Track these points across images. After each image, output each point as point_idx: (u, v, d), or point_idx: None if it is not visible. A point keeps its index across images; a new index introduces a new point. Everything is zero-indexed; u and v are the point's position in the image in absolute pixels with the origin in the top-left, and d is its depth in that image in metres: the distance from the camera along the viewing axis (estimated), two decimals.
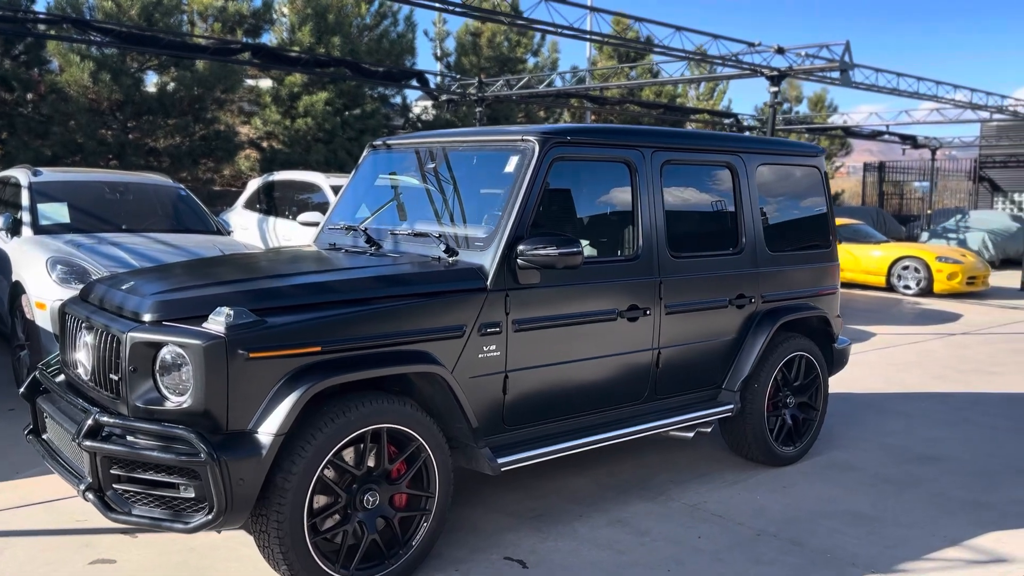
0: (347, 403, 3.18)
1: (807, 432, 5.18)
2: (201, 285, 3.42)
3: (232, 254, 4.79)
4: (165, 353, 3.05)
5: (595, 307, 4.03)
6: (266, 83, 16.77)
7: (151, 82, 14.74)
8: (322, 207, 8.62)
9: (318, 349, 3.16)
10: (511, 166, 3.91)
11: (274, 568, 3.18)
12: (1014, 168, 24.83)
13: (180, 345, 3.00)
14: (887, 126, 20.85)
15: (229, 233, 7.71)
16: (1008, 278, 17.18)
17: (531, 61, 19.63)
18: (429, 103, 18.83)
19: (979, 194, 25.82)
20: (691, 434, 4.58)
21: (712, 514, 4.26)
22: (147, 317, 3.16)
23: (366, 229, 4.37)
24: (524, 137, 3.93)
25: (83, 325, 3.45)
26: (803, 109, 26.51)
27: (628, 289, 4.16)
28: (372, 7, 17.45)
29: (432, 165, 4.44)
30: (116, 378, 3.17)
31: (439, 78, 16.68)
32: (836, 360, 5.40)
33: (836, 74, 9.36)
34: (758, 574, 3.60)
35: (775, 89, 9.67)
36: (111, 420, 3.07)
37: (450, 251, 3.81)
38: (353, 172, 4.97)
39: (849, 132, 21.92)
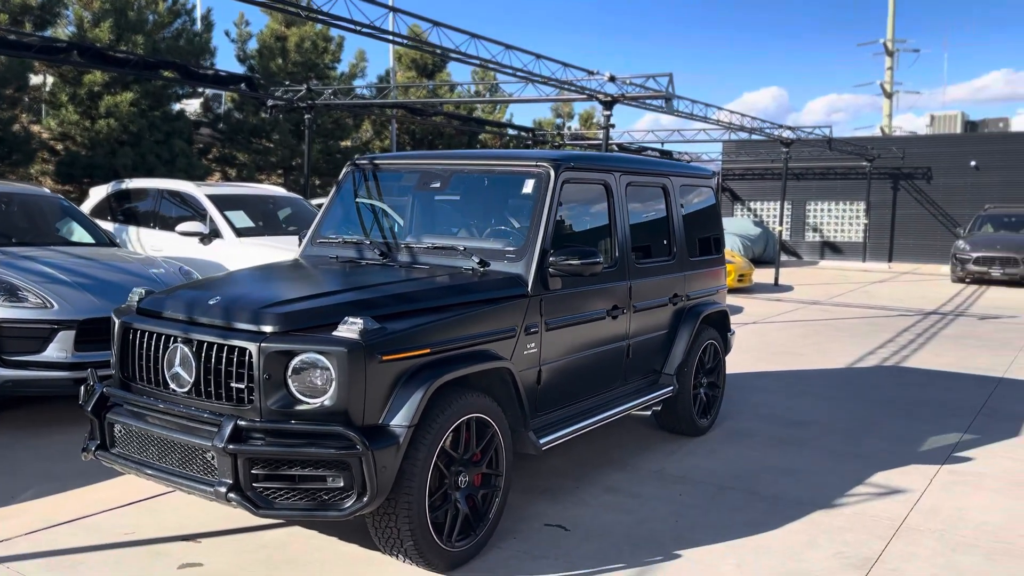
0: (450, 397, 3.65)
1: (713, 407, 6.24)
2: (305, 298, 3.72)
3: (265, 266, 4.88)
4: (300, 360, 3.36)
5: (592, 308, 4.76)
6: (37, 78, 15.56)
7: None
8: (200, 217, 8.53)
9: (427, 351, 3.62)
10: (528, 188, 4.53)
11: (394, 547, 3.58)
12: (751, 180, 28.64)
13: (321, 352, 3.34)
14: (638, 143, 23.46)
15: (117, 244, 7.49)
16: (760, 275, 19.99)
17: (339, 69, 19.75)
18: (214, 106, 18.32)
19: (723, 203, 29.49)
20: (649, 412, 5.45)
21: (676, 477, 5.14)
22: (272, 328, 3.44)
23: (382, 243, 4.76)
24: (538, 163, 4.56)
25: (176, 341, 3.60)
26: (575, 123, 28.75)
27: (611, 292, 4.93)
28: (167, 3, 16.75)
29: (436, 185, 4.91)
30: (242, 386, 3.41)
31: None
32: (729, 347, 6.53)
33: (662, 102, 10.79)
34: (743, 517, 4.51)
35: (608, 113, 10.90)
36: (256, 424, 3.32)
37: (483, 263, 4.35)
38: (335, 188, 5.28)
39: (621, 148, 24.26)
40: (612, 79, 10.48)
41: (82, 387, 4.18)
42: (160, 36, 16.25)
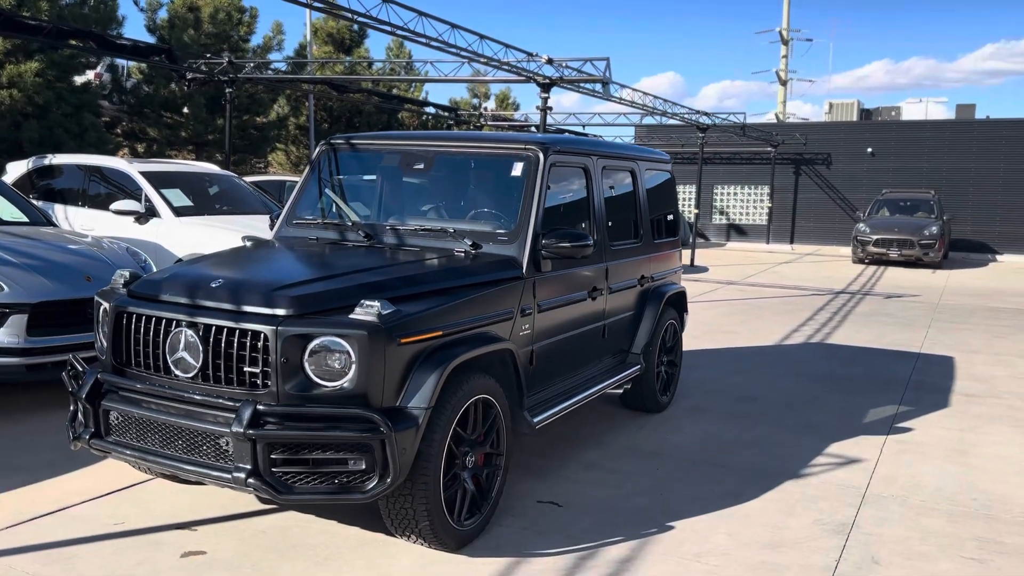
0: (460, 379, 3.68)
1: (672, 384, 6.45)
2: (314, 280, 3.67)
3: (248, 247, 4.73)
4: (318, 344, 3.33)
5: (577, 289, 4.86)
6: None
7: None
8: (134, 195, 8.19)
9: (440, 333, 3.64)
10: (518, 171, 4.57)
11: (408, 528, 3.60)
12: None
13: (340, 336, 3.31)
14: (557, 124, 23.71)
15: (55, 224, 7.14)
16: None
17: (254, 42, 19.13)
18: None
19: None
20: (621, 390, 5.60)
21: (649, 452, 5.31)
22: (287, 311, 3.39)
23: (366, 225, 4.71)
24: (527, 146, 4.60)
25: (181, 325, 3.50)
26: (490, 104, 28.75)
27: (592, 274, 5.03)
28: None
29: (420, 166, 4.88)
30: (255, 371, 3.36)
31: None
32: (684, 325, 6.76)
33: (599, 86, 10.93)
34: (721, 489, 4.71)
35: (545, 95, 10.98)
36: (275, 409, 3.28)
37: (475, 245, 4.38)
38: (309, 167, 5.18)
39: (536, 128, 24.46)
40: (550, 62, 10.55)
41: (64, 374, 4.02)
42: (64, 2, 15.37)
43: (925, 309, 12.84)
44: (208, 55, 14.06)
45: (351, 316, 3.38)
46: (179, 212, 8.08)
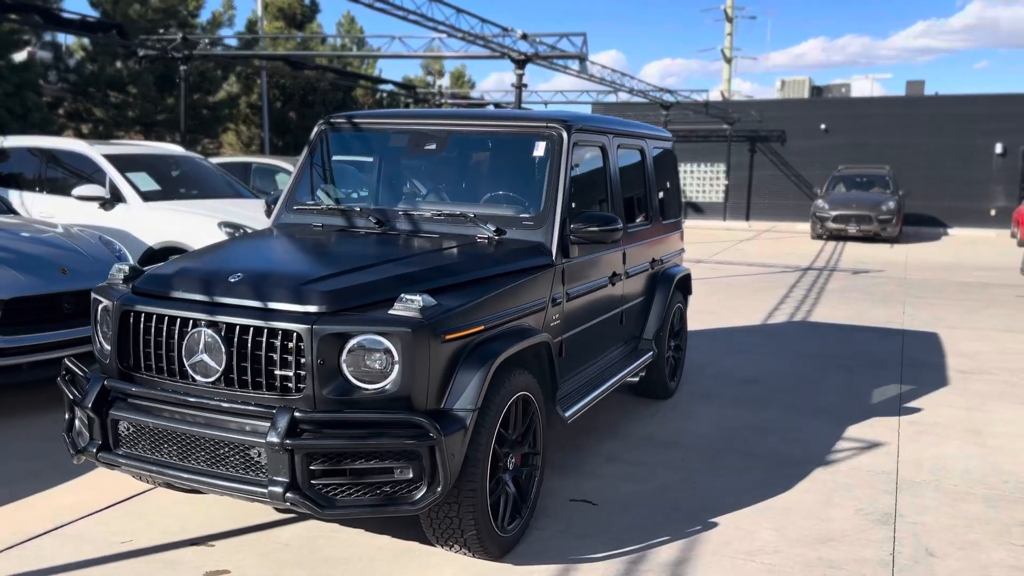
0: (503, 376, 3.42)
1: (679, 369, 6.29)
2: (343, 273, 3.36)
3: (254, 237, 4.34)
4: (358, 342, 3.04)
5: (600, 275, 4.63)
6: None
7: None
8: (98, 180, 7.69)
9: (482, 328, 3.37)
10: (540, 150, 4.29)
11: (453, 538, 3.34)
12: None
13: (382, 333, 3.03)
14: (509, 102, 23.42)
15: (15, 211, 6.64)
16: None
17: (203, 17, 18.35)
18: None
19: None
20: (637, 378, 5.40)
21: (668, 442, 5.13)
22: (321, 308, 3.09)
23: (376, 210, 4.39)
24: (549, 124, 4.33)
25: (199, 325, 3.17)
26: (445, 82, 28.23)
27: (612, 258, 4.81)
28: None
29: (432, 147, 4.58)
30: (288, 373, 3.06)
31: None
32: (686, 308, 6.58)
33: (575, 62, 10.64)
34: (752, 480, 4.55)
35: (520, 72, 10.67)
36: (315, 416, 2.98)
37: (499, 231, 4.11)
38: (307, 149, 4.83)
39: (497, 106, 24.10)
40: (524, 37, 10.24)
41: (60, 379, 3.65)
42: None
43: (894, 285, 12.95)
44: (161, 31, 13.38)
45: (391, 312, 3.10)
46: (147, 197, 7.61)
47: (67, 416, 3.66)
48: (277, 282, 3.22)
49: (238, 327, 3.12)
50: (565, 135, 4.28)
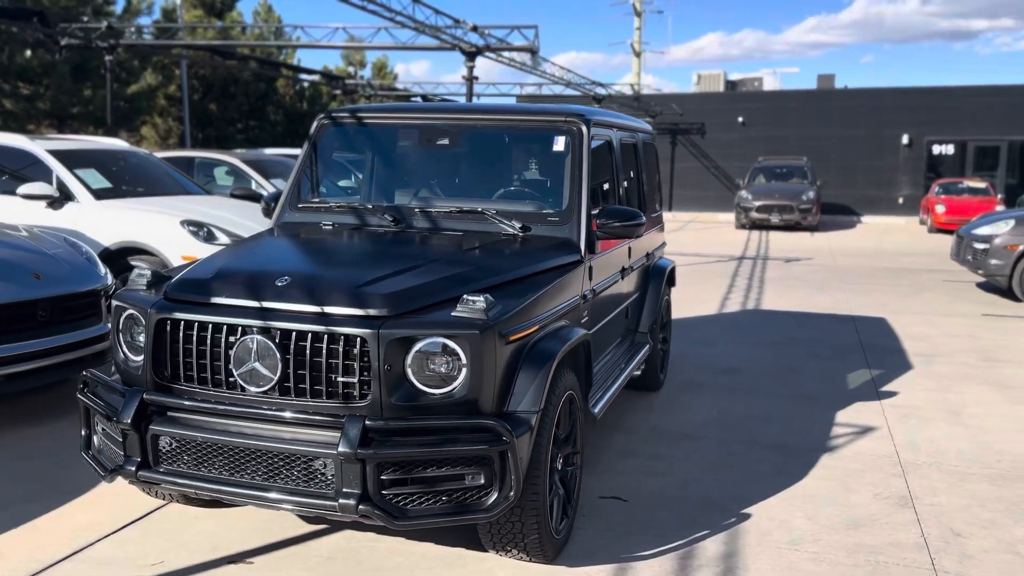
0: (557, 376, 3.37)
1: (666, 360, 6.34)
2: (394, 274, 3.22)
3: (274, 238, 4.09)
4: (423, 346, 2.94)
5: (615, 270, 4.62)
6: None
7: None
8: (44, 177, 7.23)
9: (537, 328, 3.30)
10: (560, 145, 4.24)
11: (513, 543, 3.27)
12: None
13: (450, 336, 2.93)
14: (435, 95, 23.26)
15: None
16: None
17: (118, 6, 17.47)
18: None
19: None
20: (639, 371, 5.41)
21: (677, 433, 5.17)
22: (385, 311, 2.97)
23: (390, 207, 4.25)
24: (568, 118, 4.27)
25: (251, 332, 3.00)
26: (367, 73, 27.75)
27: (621, 252, 4.80)
28: None
29: (445, 142, 4.46)
30: (352, 380, 2.92)
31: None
32: None
33: (527, 55, 10.58)
34: (768, 469, 4.62)
35: (471, 64, 10.54)
36: (387, 424, 2.86)
37: (525, 228, 4.04)
38: (308, 145, 4.63)
39: (424, 99, 23.84)
40: (475, 29, 10.13)
41: (79, 393, 3.40)
42: None
43: (828, 272, 13.41)
44: (85, 19, 12.68)
45: (455, 314, 3.00)
46: (99, 195, 7.20)
47: (84, 433, 3.42)
48: (332, 285, 3.07)
49: (294, 333, 2.97)
50: (585, 129, 4.23)
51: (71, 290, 5.04)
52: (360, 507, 2.83)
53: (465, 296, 3.03)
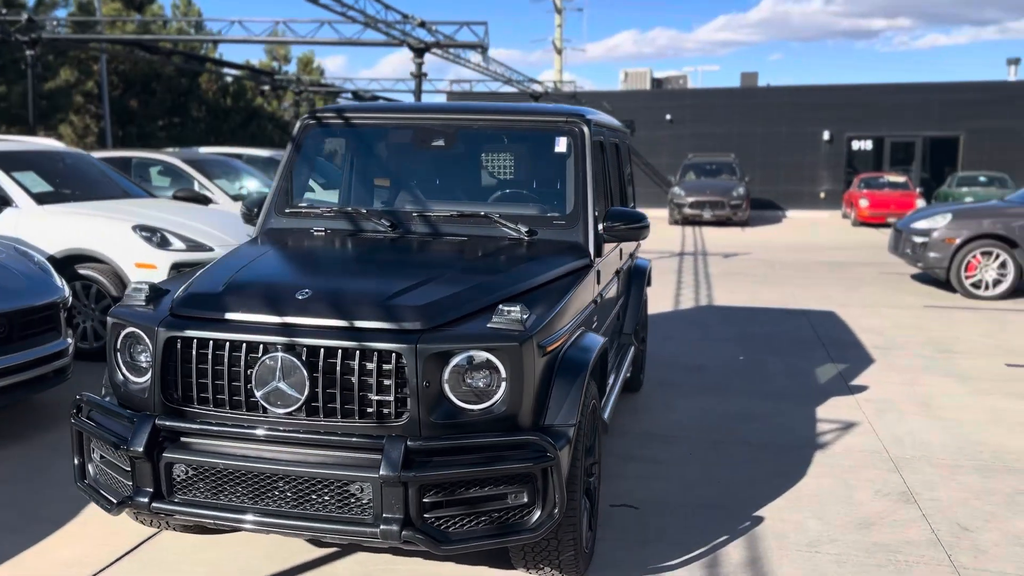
0: (588, 386, 3.26)
1: (644, 361, 6.31)
2: (419, 284, 3.06)
3: (278, 244, 3.81)
4: (460, 360, 2.80)
5: (611, 273, 4.55)
6: None
7: None
8: None
9: (566, 337, 3.19)
10: (561, 146, 4.13)
11: (547, 560, 3.15)
12: None
13: (489, 349, 2.80)
14: (373, 92, 22.87)
15: None
16: None
17: None
18: None
19: None
20: (628, 373, 5.35)
21: (668, 435, 5.13)
22: (420, 324, 2.81)
23: (386, 212, 4.08)
24: (569, 118, 4.17)
25: (276, 349, 2.80)
26: (292, 68, 27.06)
27: (616, 255, 4.73)
28: None
29: (440, 143, 4.30)
30: (388, 398, 2.76)
31: None
32: None
33: (477, 52, 10.40)
34: (766, 470, 4.62)
35: (420, 61, 10.31)
36: (430, 445, 2.71)
37: (531, 232, 3.92)
38: (292, 147, 4.40)
39: (356, 96, 23.39)
40: (423, 24, 9.93)
41: (73, 419, 3.14)
42: None
43: (767, 267, 13.68)
44: (4, 11, 11.94)
45: (492, 325, 2.86)
46: (40, 199, 6.76)
47: (77, 461, 3.16)
48: (359, 297, 2.90)
49: (323, 350, 2.79)
50: (587, 130, 4.14)
51: (27, 304, 4.70)
52: (404, 532, 2.68)
53: (500, 306, 2.90)
